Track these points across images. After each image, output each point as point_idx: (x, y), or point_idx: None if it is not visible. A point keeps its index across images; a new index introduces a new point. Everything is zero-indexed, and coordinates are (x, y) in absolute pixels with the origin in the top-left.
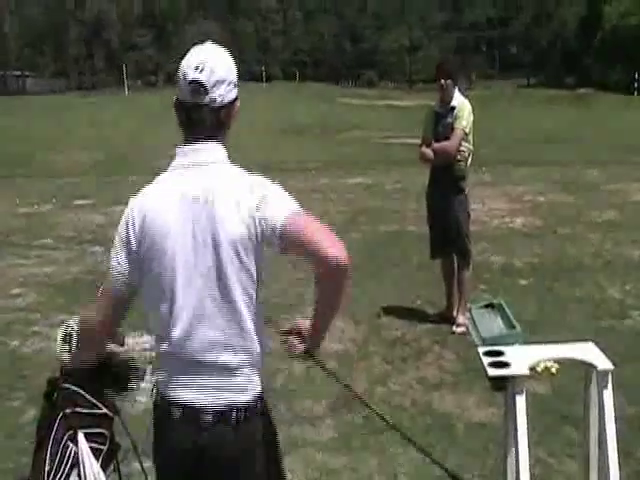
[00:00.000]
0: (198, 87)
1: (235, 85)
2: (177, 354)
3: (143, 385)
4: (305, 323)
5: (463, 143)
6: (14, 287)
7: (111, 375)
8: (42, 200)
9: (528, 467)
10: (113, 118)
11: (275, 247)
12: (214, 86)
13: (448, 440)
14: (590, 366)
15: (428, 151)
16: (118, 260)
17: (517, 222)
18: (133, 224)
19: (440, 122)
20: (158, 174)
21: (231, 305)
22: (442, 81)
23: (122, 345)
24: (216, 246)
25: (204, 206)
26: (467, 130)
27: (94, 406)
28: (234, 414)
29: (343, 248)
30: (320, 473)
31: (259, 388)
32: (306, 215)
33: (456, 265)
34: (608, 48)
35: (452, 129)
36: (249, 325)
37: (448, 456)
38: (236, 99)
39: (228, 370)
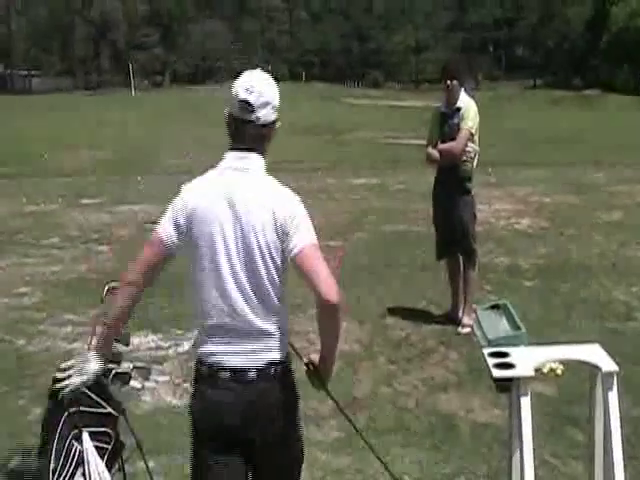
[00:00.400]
0: (246, 106)
1: (276, 108)
2: (224, 325)
3: (148, 385)
4: (316, 357)
5: (469, 144)
6: (20, 286)
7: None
8: (48, 199)
9: (533, 468)
10: (119, 118)
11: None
12: (260, 107)
13: (453, 441)
14: (595, 368)
15: (434, 152)
16: (165, 228)
17: (523, 223)
18: (184, 210)
19: (446, 123)
20: (168, 172)
21: (263, 287)
22: (448, 82)
23: (127, 345)
24: (251, 242)
25: (242, 206)
26: (473, 131)
27: (99, 405)
28: (272, 370)
29: (335, 289)
30: (324, 473)
31: (287, 349)
32: (316, 251)
33: (462, 266)
34: (615, 49)
35: (458, 130)
36: (277, 302)
37: (453, 457)
38: (276, 120)
39: (264, 335)
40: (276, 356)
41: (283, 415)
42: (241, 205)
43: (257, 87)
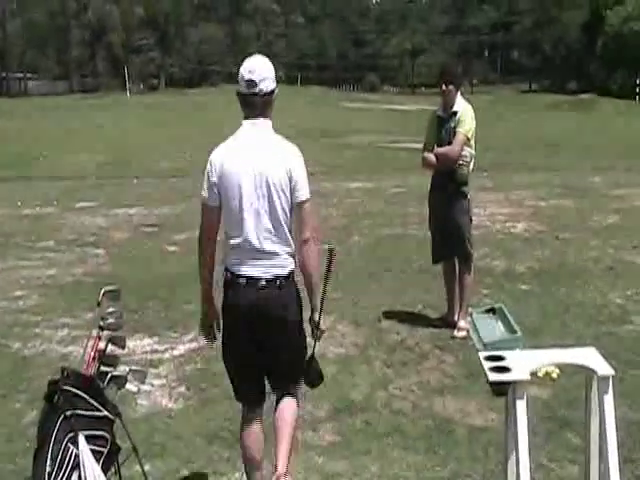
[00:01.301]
0: (251, 83)
1: (274, 80)
2: (244, 245)
3: (143, 388)
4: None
5: (465, 148)
6: (16, 289)
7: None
8: (44, 202)
9: (529, 472)
10: (115, 121)
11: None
12: (261, 81)
13: (449, 444)
14: (591, 371)
15: (431, 156)
16: (207, 194)
17: (519, 227)
18: (214, 167)
19: (443, 127)
20: (164, 175)
21: (276, 218)
22: (444, 86)
23: (123, 348)
24: (268, 183)
25: (259, 157)
26: (469, 135)
27: (95, 409)
28: (278, 281)
29: (314, 235)
30: (321, 477)
31: (292, 267)
32: (311, 205)
33: (458, 270)
34: (611, 53)
35: (454, 134)
36: (287, 230)
37: (449, 460)
38: (275, 89)
39: (275, 255)
40: (281, 272)
41: (285, 312)
42: (259, 160)
43: (257, 67)
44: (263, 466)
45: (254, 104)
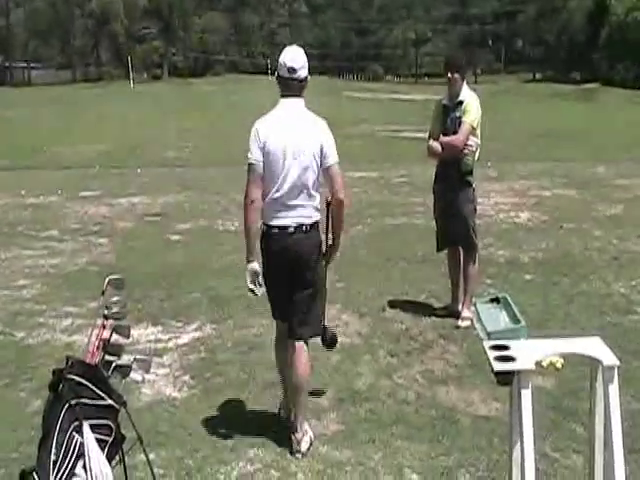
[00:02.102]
0: (291, 69)
1: (307, 69)
2: (280, 200)
3: (147, 377)
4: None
5: (471, 137)
6: (20, 278)
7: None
8: (48, 192)
9: (533, 462)
10: (119, 110)
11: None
12: (299, 69)
13: (453, 434)
14: (596, 361)
15: (436, 145)
16: (254, 155)
17: (522, 217)
18: (259, 136)
19: (448, 116)
20: (164, 165)
21: (307, 178)
22: (450, 75)
23: (127, 337)
24: (303, 150)
25: (297, 129)
26: (475, 124)
27: (100, 397)
28: (304, 227)
29: (344, 193)
30: (325, 466)
31: (317, 218)
32: (339, 168)
33: (462, 259)
34: (615, 43)
35: (460, 123)
36: (314, 191)
37: (453, 450)
38: (307, 76)
39: (302, 207)
40: (306, 221)
41: (308, 256)
42: (297, 131)
43: (296, 57)
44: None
45: (292, 87)
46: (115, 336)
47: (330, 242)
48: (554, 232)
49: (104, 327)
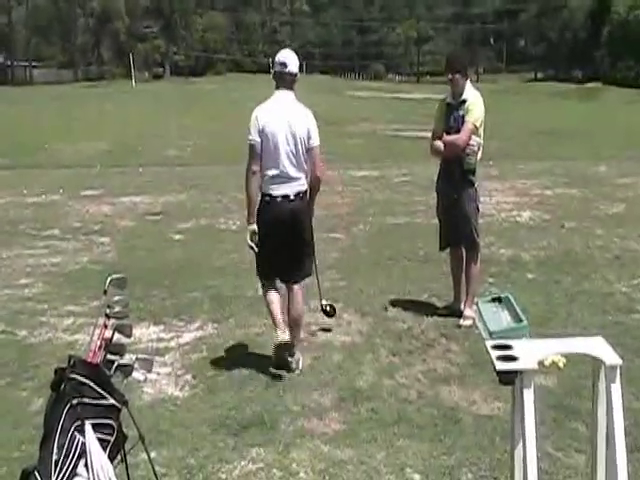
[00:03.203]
0: (284, 64)
1: (297, 66)
2: (279, 174)
3: (150, 376)
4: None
5: (473, 137)
6: (21, 277)
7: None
8: (49, 190)
9: (535, 461)
10: (120, 109)
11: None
12: (290, 63)
13: (455, 433)
14: (599, 361)
15: (439, 143)
16: (254, 136)
17: (524, 216)
18: (257, 121)
19: (452, 114)
20: (165, 165)
21: (299, 157)
22: (450, 75)
23: (129, 336)
24: (294, 135)
25: (290, 119)
26: (477, 124)
27: (101, 397)
28: (301, 195)
29: (322, 171)
30: (327, 465)
31: (307, 187)
32: (318, 149)
33: (464, 258)
34: (616, 42)
35: (463, 122)
36: (304, 165)
37: (455, 449)
38: (297, 72)
39: (297, 179)
40: (302, 189)
41: (304, 217)
42: (289, 117)
43: (288, 56)
44: (284, 313)
45: (285, 80)
46: (117, 335)
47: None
48: (556, 231)
49: (106, 326)
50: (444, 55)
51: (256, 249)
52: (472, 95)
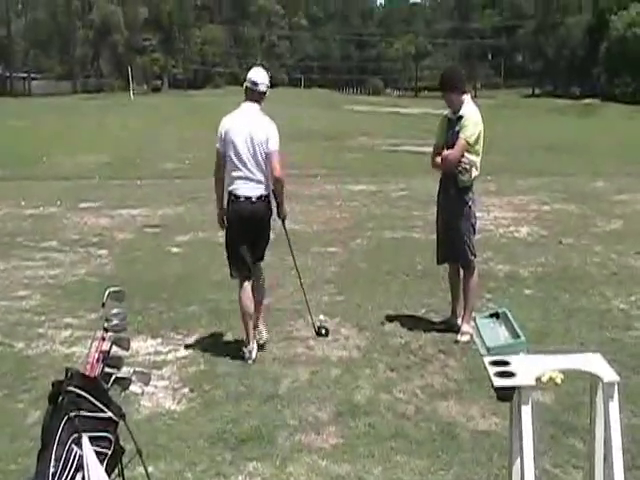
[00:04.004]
0: (255, 82)
1: (267, 85)
2: (241, 175)
3: (147, 389)
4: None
5: (466, 154)
6: (19, 289)
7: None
8: (47, 202)
9: (533, 477)
10: (118, 121)
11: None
12: (260, 83)
13: (452, 449)
14: (597, 378)
15: (438, 159)
16: (218, 143)
17: (522, 231)
18: (223, 127)
19: (451, 129)
20: (164, 177)
21: (259, 161)
22: (444, 93)
23: (127, 350)
24: (252, 140)
25: (250, 126)
26: (471, 140)
27: (99, 410)
28: (263, 197)
29: (280, 173)
30: None
31: (270, 190)
32: (278, 154)
33: (462, 274)
34: (614, 58)
35: (458, 138)
36: (265, 169)
37: (453, 465)
38: (266, 90)
39: (259, 182)
40: (264, 192)
41: (265, 218)
42: (249, 125)
43: (259, 74)
44: (252, 314)
45: (253, 95)
46: (115, 348)
47: (277, 206)
48: (553, 247)
49: (104, 339)
50: (442, 70)
51: (223, 227)
52: (469, 111)
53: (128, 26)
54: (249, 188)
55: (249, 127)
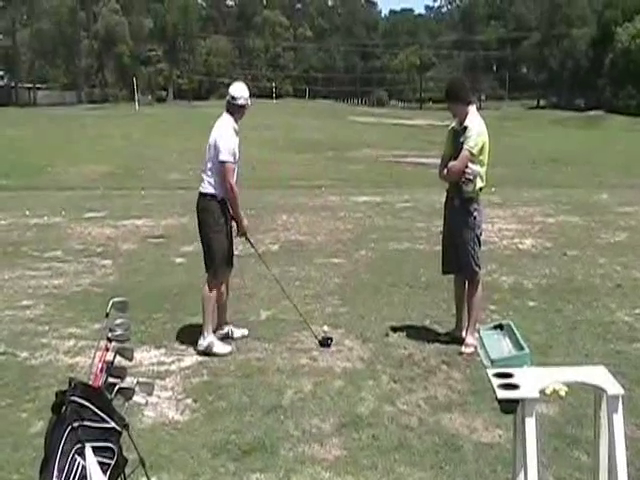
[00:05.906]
0: (234, 97)
1: (246, 99)
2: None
3: (151, 400)
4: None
5: (470, 165)
6: (23, 298)
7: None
8: (51, 212)
9: None
10: (123, 132)
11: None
12: (239, 98)
13: (456, 461)
14: (601, 390)
15: (445, 170)
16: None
17: (526, 243)
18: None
19: (457, 140)
20: (168, 188)
21: (212, 165)
22: (449, 104)
23: (131, 360)
24: (210, 147)
25: (215, 134)
26: (474, 151)
27: (102, 420)
28: (206, 195)
29: (231, 184)
30: None
31: (217, 191)
32: (223, 164)
33: (467, 285)
34: (619, 70)
35: (462, 149)
36: (214, 171)
37: (456, 477)
38: (245, 104)
39: (206, 181)
40: (207, 191)
41: (204, 214)
42: (215, 135)
43: (238, 89)
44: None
45: (233, 108)
46: (118, 358)
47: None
48: (558, 259)
49: (107, 349)
50: (447, 82)
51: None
52: (472, 122)
53: (133, 37)
54: (201, 185)
55: (215, 136)
